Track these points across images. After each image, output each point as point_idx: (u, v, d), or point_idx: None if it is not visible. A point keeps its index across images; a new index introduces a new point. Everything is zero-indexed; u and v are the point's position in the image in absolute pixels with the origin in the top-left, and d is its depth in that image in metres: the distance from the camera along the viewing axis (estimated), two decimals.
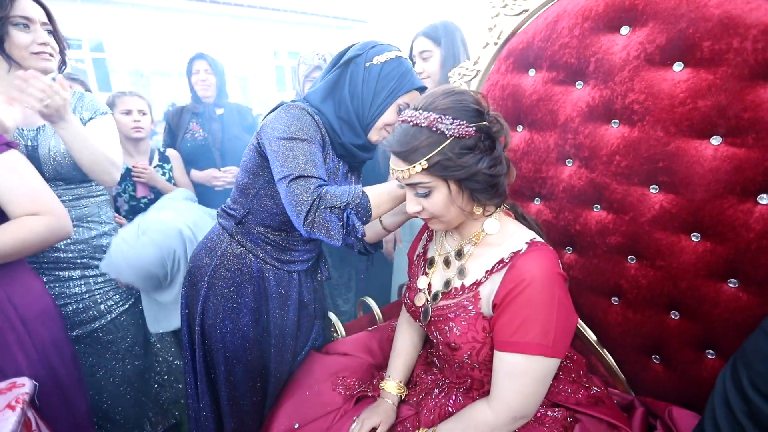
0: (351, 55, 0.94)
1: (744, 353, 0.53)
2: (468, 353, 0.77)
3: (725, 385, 0.55)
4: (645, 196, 0.87)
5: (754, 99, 0.70)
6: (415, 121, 0.70)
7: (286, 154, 0.83)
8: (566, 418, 0.79)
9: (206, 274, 0.98)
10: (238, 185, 0.99)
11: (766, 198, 0.72)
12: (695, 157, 0.79)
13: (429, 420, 0.83)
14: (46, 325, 1.02)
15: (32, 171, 0.98)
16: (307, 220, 0.78)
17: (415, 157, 0.69)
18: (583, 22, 0.91)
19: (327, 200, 0.78)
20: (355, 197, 0.80)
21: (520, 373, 0.69)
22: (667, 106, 0.80)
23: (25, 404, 0.84)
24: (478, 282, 0.76)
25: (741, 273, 0.77)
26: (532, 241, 0.75)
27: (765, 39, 0.67)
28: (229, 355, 0.99)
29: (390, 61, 0.93)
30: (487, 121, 0.71)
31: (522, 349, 0.68)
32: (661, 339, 0.92)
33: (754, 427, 0.50)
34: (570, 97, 0.96)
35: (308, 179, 0.80)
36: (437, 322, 0.81)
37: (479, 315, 0.75)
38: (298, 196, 0.79)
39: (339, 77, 0.95)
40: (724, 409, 0.54)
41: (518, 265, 0.71)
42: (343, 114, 0.94)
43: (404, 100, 0.94)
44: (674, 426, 0.80)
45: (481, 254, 0.79)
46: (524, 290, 0.68)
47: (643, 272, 0.91)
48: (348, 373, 1.02)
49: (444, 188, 0.71)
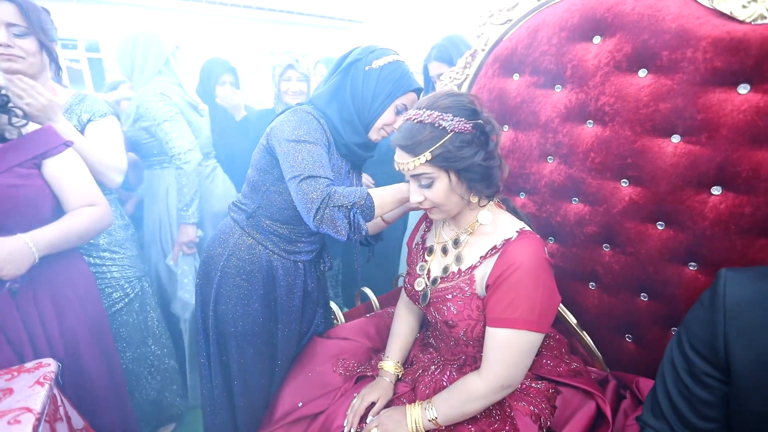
0: (352, 59, 1.01)
1: (686, 321, 0.63)
2: (464, 330, 0.86)
3: (671, 350, 0.64)
4: (616, 189, 0.96)
5: (705, 102, 0.79)
6: (420, 119, 0.79)
7: (295, 155, 0.90)
8: (548, 390, 0.88)
9: (219, 263, 1.06)
10: (249, 182, 1.07)
11: (718, 189, 0.82)
12: (658, 154, 0.88)
13: (424, 394, 0.91)
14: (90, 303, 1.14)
15: (84, 166, 1.10)
16: (316, 216, 0.86)
17: (420, 149, 0.78)
18: (560, 32, 1.00)
19: (336, 199, 0.86)
20: (361, 198, 0.89)
21: (508, 345, 0.78)
22: (633, 108, 0.89)
23: (52, 381, 0.92)
24: (473, 266, 0.85)
25: (699, 257, 0.87)
26: (522, 230, 0.84)
27: (713, 50, 0.76)
28: (240, 339, 1.07)
29: (388, 65, 1.00)
30: (482, 119, 0.81)
31: (511, 325, 0.77)
32: (632, 319, 1.01)
33: (691, 380, 0.59)
34: (550, 99, 1.05)
35: (317, 179, 0.88)
36: (436, 303, 0.89)
37: (474, 295, 0.84)
38: (308, 194, 0.87)
39: (342, 81, 1.02)
40: (670, 369, 0.63)
41: (509, 251, 0.80)
42: (345, 115, 1.01)
43: (402, 101, 1.02)
44: (640, 394, 0.89)
45: (476, 242, 0.88)
46: (513, 273, 0.77)
47: (615, 258, 1.00)
48: (347, 356, 1.11)
49: (445, 178, 0.80)
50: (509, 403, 0.84)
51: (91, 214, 1.07)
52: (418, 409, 0.85)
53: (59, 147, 1.04)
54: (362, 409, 0.91)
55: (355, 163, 1.12)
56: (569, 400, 0.88)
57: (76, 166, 1.07)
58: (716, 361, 0.57)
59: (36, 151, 1.00)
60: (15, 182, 0.96)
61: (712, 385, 0.58)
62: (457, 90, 1.21)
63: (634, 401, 0.90)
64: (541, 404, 0.84)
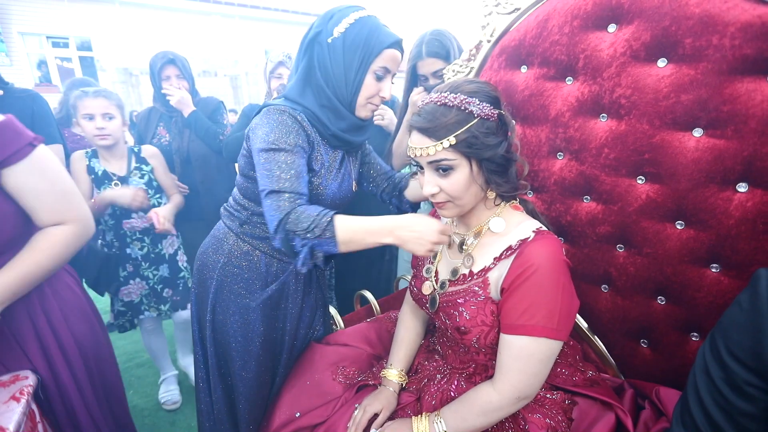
0: (312, 35, 0.88)
1: (721, 326, 0.58)
2: (476, 337, 0.80)
3: (705, 357, 0.59)
4: (632, 186, 0.91)
5: (732, 92, 0.74)
6: (443, 101, 0.73)
7: (266, 166, 0.83)
8: (564, 401, 0.83)
9: (215, 271, 1.00)
10: (239, 188, 1.00)
11: (744, 186, 0.76)
12: (679, 149, 0.83)
13: (431, 405, 0.86)
14: (82, 320, 1.02)
15: (60, 171, 0.90)
16: (276, 235, 0.81)
17: (443, 133, 0.72)
18: (572, 20, 0.94)
19: (291, 222, 0.79)
20: (318, 227, 0.77)
21: (526, 354, 0.72)
22: (651, 100, 0.84)
23: (30, 396, 0.85)
24: (486, 268, 0.79)
25: (722, 258, 0.82)
26: (539, 229, 0.78)
27: (741, 36, 0.71)
28: (241, 350, 1.01)
29: (350, 27, 0.85)
30: (503, 110, 0.77)
31: (528, 332, 0.71)
32: (648, 323, 0.96)
33: (730, 390, 0.54)
34: (560, 92, 1.00)
35: (280, 195, 0.81)
36: (446, 308, 0.84)
37: (488, 299, 0.78)
38: (270, 212, 0.81)
39: (308, 64, 0.90)
40: (704, 378, 0.58)
41: (526, 252, 0.74)
42: (324, 101, 0.90)
43: (378, 64, 0.88)
44: (661, 404, 0.84)
45: (486, 243, 0.82)
46: (532, 276, 0.72)
47: (631, 260, 0.95)
48: (347, 363, 1.05)
49: (466, 167, 0.74)
50: (523, 415, 0.79)
51: (62, 239, 0.86)
52: (426, 422, 0.79)
53: (23, 150, 0.82)
54: (364, 421, 0.86)
55: (350, 150, 1.02)
56: (586, 412, 0.83)
57: (46, 173, 0.85)
58: (760, 370, 0.52)
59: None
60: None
61: (754, 396, 0.53)
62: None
63: (655, 412, 0.84)
64: (558, 416, 0.78)
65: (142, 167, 1.64)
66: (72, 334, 0.96)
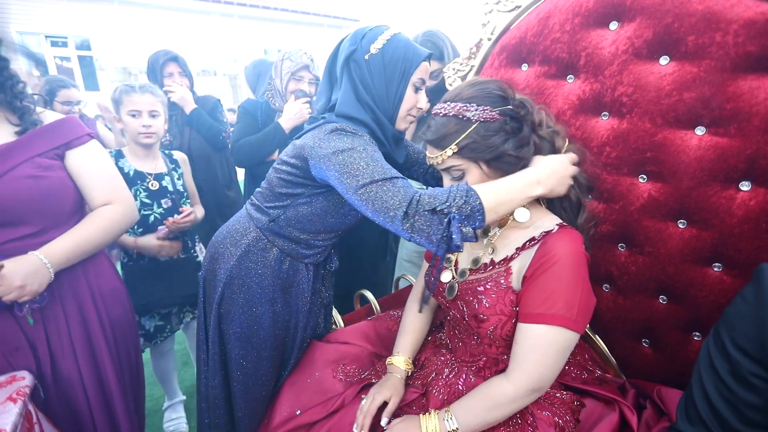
0: (346, 54, 0.90)
1: (726, 318, 0.58)
2: (494, 326, 0.79)
3: (709, 351, 0.59)
4: (634, 185, 0.91)
5: (735, 90, 0.73)
6: (444, 112, 0.78)
7: (352, 164, 0.78)
8: (573, 402, 0.82)
9: (229, 262, 0.99)
10: (272, 188, 0.98)
11: (747, 185, 0.76)
12: (681, 147, 0.82)
13: (439, 400, 0.84)
14: (117, 302, 1.12)
15: (109, 160, 1.07)
16: (405, 224, 0.71)
17: (446, 143, 0.77)
18: (573, 18, 0.94)
19: (425, 202, 0.71)
20: (460, 197, 0.70)
21: (544, 343, 0.72)
22: (654, 98, 0.83)
23: (26, 397, 0.85)
24: (509, 257, 0.80)
25: (725, 257, 0.81)
26: (561, 224, 0.79)
27: (745, 33, 0.71)
28: (244, 342, 1.01)
29: (388, 43, 0.89)
30: (512, 105, 0.77)
31: (547, 320, 0.71)
32: (650, 323, 0.95)
33: (735, 381, 0.54)
34: (561, 90, 1.00)
35: (393, 181, 0.75)
36: (464, 296, 0.83)
37: (509, 289, 0.78)
38: (386, 201, 0.73)
39: (351, 82, 0.91)
40: (709, 371, 0.58)
41: (549, 243, 0.75)
42: (373, 116, 0.91)
43: (417, 76, 0.92)
44: (663, 404, 0.83)
45: (509, 235, 0.83)
46: (553, 266, 0.72)
47: (632, 259, 0.95)
48: (348, 361, 1.04)
49: (476, 169, 0.78)
50: (532, 411, 0.78)
51: (110, 216, 1.02)
52: (435, 420, 0.77)
53: (83, 138, 1.00)
54: (373, 409, 0.83)
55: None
56: (591, 410, 0.82)
57: (100, 159, 1.03)
58: (765, 360, 0.52)
59: (58, 141, 0.96)
60: (36, 173, 0.90)
61: (759, 387, 0.53)
62: (460, 82, 1.14)
63: (656, 412, 0.84)
64: (566, 416, 0.78)
65: (177, 169, 1.57)
66: (108, 315, 1.08)
